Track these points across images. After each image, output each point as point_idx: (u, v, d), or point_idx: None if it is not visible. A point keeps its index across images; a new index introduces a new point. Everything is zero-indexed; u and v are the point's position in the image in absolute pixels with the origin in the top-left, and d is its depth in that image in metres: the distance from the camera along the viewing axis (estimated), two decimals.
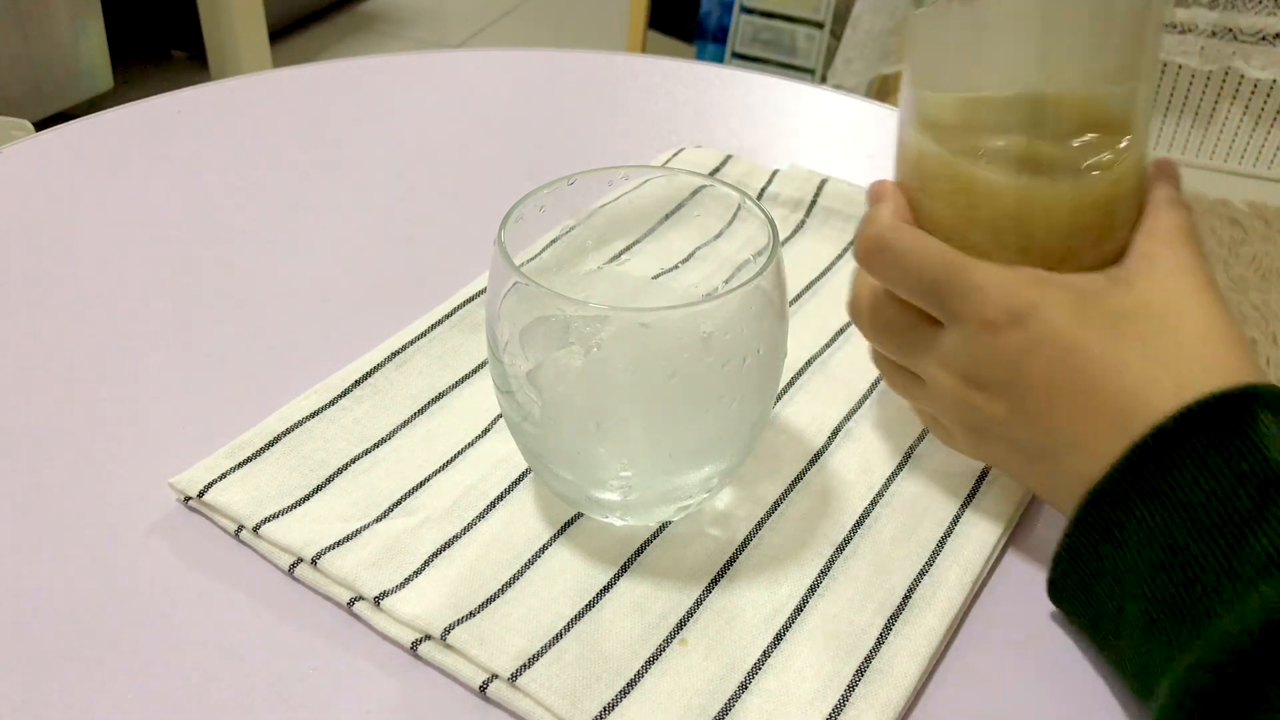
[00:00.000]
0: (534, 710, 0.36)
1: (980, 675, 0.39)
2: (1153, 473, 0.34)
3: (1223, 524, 0.33)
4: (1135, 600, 0.35)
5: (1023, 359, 0.38)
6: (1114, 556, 0.36)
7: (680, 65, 0.79)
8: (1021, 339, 0.38)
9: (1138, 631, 0.35)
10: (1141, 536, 0.34)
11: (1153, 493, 0.34)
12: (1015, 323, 0.38)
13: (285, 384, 0.49)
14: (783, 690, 0.37)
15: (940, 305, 0.40)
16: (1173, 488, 0.34)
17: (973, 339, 0.39)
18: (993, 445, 0.41)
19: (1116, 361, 0.37)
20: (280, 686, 0.37)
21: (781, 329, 0.40)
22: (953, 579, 0.41)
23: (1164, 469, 0.34)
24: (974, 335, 0.39)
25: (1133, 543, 0.35)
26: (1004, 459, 0.42)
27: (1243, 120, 1.97)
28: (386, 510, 0.43)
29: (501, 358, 0.39)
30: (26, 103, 1.81)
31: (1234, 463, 0.33)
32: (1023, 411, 0.39)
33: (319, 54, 2.39)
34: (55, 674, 0.37)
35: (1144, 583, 0.34)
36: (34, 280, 0.56)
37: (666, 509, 0.42)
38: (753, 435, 0.41)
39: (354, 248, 0.59)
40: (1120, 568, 0.35)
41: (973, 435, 0.42)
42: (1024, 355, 0.38)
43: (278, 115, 0.72)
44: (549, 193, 0.41)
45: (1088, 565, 0.37)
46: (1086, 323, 0.38)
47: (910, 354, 0.42)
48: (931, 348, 0.41)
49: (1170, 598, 0.33)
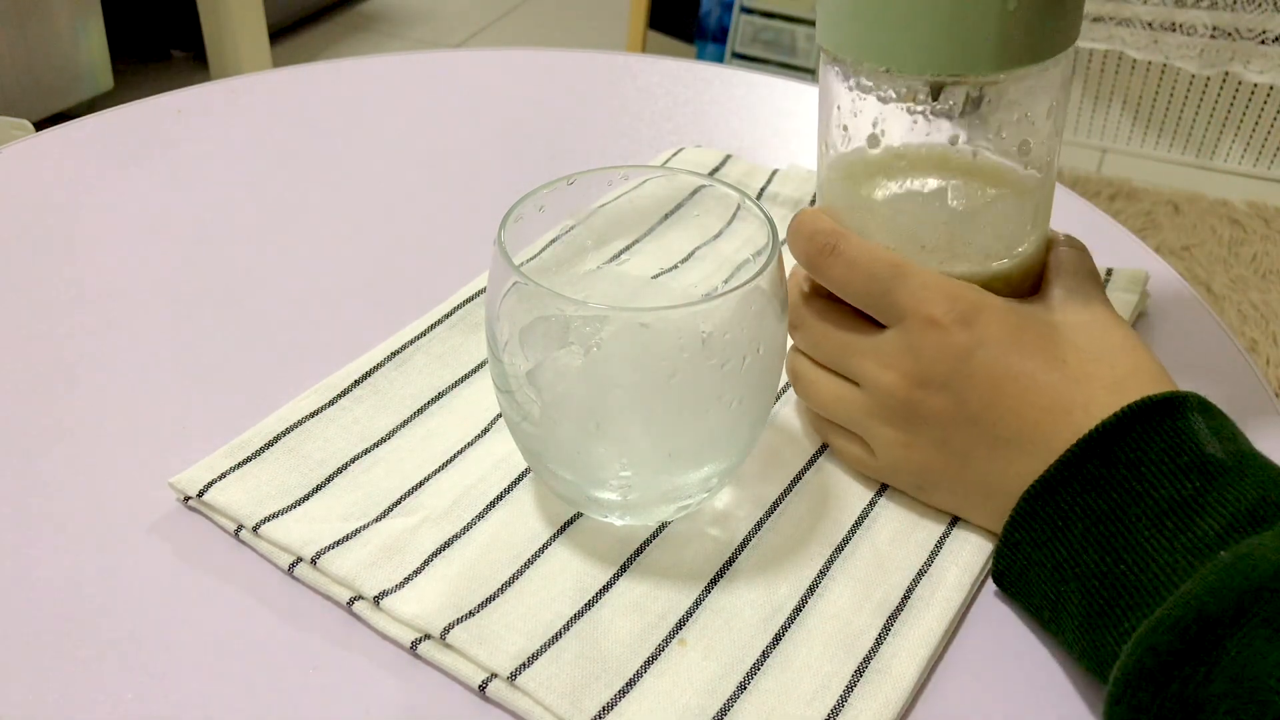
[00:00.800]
0: (533, 709, 0.36)
1: (980, 675, 0.39)
2: (1097, 465, 0.37)
3: (1169, 509, 0.35)
4: (1075, 588, 0.37)
5: (968, 356, 0.40)
6: (1054, 546, 0.38)
7: (680, 65, 0.79)
8: (967, 338, 0.40)
9: (1078, 619, 0.37)
10: (1086, 525, 0.37)
11: (1097, 483, 0.37)
12: (961, 322, 0.40)
13: (285, 384, 0.49)
14: (781, 690, 0.37)
15: (888, 306, 0.42)
16: (1118, 478, 0.36)
17: (918, 336, 0.41)
18: (922, 451, 0.42)
19: (1056, 363, 0.40)
20: (280, 686, 0.37)
21: (781, 329, 0.40)
22: (951, 579, 0.41)
23: (1109, 462, 0.37)
24: (920, 332, 0.41)
25: (1076, 532, 0.37)
26: (929, 464, 0.42)
27: (1243, 121, 1.97)
28: (386, 510, 0.43)
29: (501, 357, 0.39)
30: (26, 103, 1.81)
31: (1174, 455, 0.36)
32: (964, 407, 0.40)
33: (319, 54, 2.39)
34: (55, 674, 0.37)
35: (1087, 569, 0.36)
36: (34, 280, 0.56)
37: (666, 509, 0.42)
38: (753, 435, 0.41)
39: (354, 248, 0.59)
40: (1058, 558, 0.37)
41: (903, 437, 0.42)
42: (969, 353, 0.40)
43: (278, 115, 0.72)
44: (549, 193, 0.41)
45: (1028, 555, 0.39)
46: (1025, 328, 0.41)
47: (849, 355, 0.43)
48: (871, 348, 0.42)
49: (1118, 581, 0.35)
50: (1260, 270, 1.75)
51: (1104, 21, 1.93)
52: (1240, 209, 1.88)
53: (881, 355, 0.42)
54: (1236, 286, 1.71)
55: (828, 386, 0.44)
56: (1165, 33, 1.89)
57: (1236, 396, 0.42)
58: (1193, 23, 1.88)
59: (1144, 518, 0.36)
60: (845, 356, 0.43)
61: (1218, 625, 0.31)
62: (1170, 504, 0.35)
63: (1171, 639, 0.32)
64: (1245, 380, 0.51)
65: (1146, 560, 0.35)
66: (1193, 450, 0.36)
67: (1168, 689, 0.32)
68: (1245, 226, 1.84)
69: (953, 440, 0.41)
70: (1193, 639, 0.32)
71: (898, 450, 0.43)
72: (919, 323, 0.41)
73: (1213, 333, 0.55)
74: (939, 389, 0.41)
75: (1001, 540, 0.40)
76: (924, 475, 0.43)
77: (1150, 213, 1.87)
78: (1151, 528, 0.35)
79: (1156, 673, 0.32)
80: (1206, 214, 1.87)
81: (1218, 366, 0.53)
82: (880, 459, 0.43)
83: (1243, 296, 1.69)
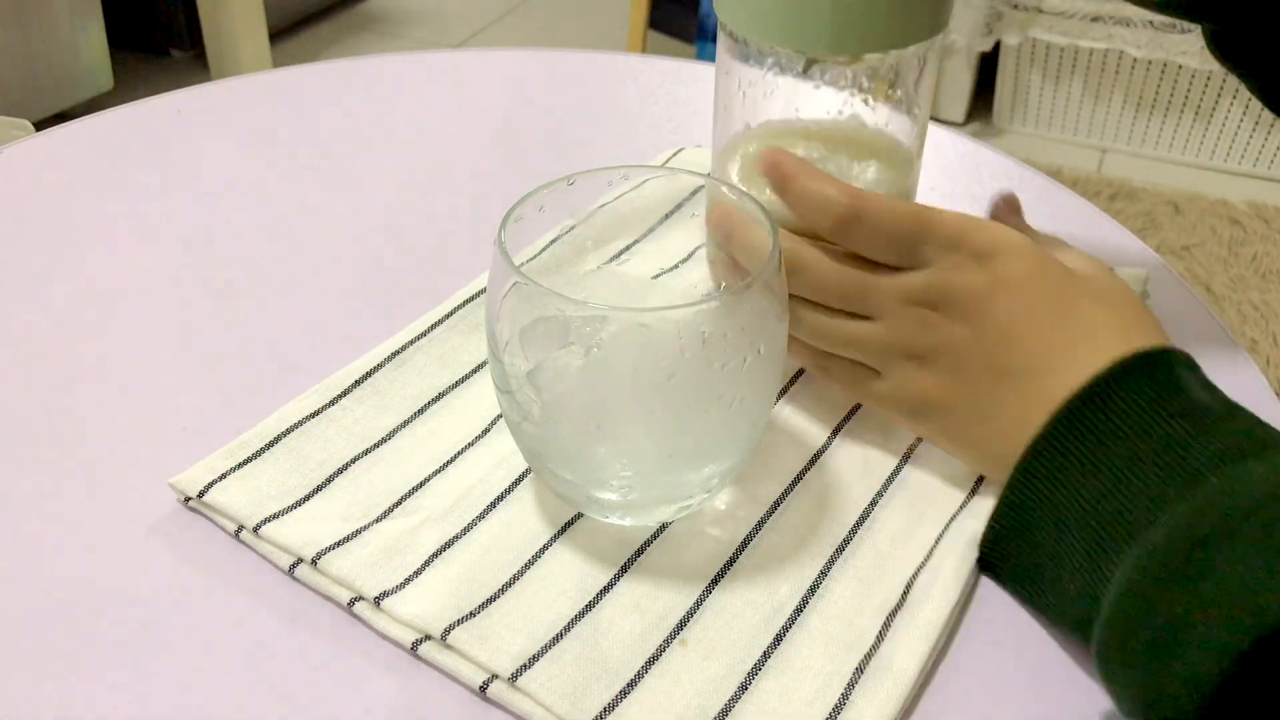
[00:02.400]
0: (534, 710, 0.36)
1: (981, 672, 0.39)
2: (1092, 413, 0.39)
3: (1163, 449, 0.37)
4: (1077, 533, 0.38)
5: (990, 294, 0.42)
6: (1055, 498, 0.39)
7: (680, 65, 0.79)
8: (990, 277, 0.43)
9: (1079, 557, 0.38)
10: (1085, 472, 0.38)
11: (1095, 432, 0.39)
12: (986, 262, 0.43)
13: (285, 384, 0.49)
14: (782, 690, 0.37)
15: (917, 256, 0.43)
16: (1113, 426, 0.38)
17: (944, 275, 0.43)
18: (933, 378, 0.44)
19: (1070, 308, 0.42)
20: (280, 686, 0.37)
21: (781, 329, 0.40)
22: (949, 570, 0.41)
23: (1105, 409, 0.39)
24: (947, 273, 0.43)
25: (1074, 481, 0.39)
26: (935, 391, 0.44)
27: (1243, 120, 1.97)
28: (386, 510, 0.43)
29: (501, 358, 0.39)
30: (26, 103, 1.80)
31: (1165, 403, 0.38)
32: (980, 339, 0.43)
33: (319, 54, 2.39)
34: (55, 674, 0.37)
35: (1086, 514, 0.38)
36: (34, 280, 0.56)
37: (667, 509, 0.42)
38: (752, 436, 0.41)
39: (354, 248, 0.59)
40: (1062, 508, 0.39)
41: (918, 368, 0.44)
42: (991, 291, 0.42)
43: (278, 115, 0.72)
44: (549, 193, 0.41)
45: (1032, 511, 0.40)
46: (1045, 273, 0.43)
47: (869, 294, 0.44)
48: (894, 287, 0.44)
49: (1116, 517, 0.37)
50: (1260, 270, 1.75)
51: (1104, 21, 1.93)
52: (1240, 209, 1.88)
53: (906, 292, 0.44)
54: (1236, 286, 1.71)
55: (840, 325, 0.45)
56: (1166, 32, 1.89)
57: (1236, 396, 0.42)
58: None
59: (1139, 459, 0.37)
60: (865, 295, 0.44)
61: (1207, 543, 0.33)
62: (1164, 444, 0.37)
63: (1165, 557, 0.34)
64: (1245, 380, 0.51)
65: (1139, 495, 0.37)
66: (1182, 398, 0.38)
67: (1159, 605, 0.33)
68: (1245, 226, 1.84)
69: (965, 368, 0.43)
70: (1184, 555, 0.33)
71: (909, 378, 0.44)
72: (946, 266, 0.43)
73: (1213, 333, 0.55)
74: (960, 319, 0.43)
75: (1006, 497, 0.40)
76: (926, 401, 0.44)
77: (1150, 213, 1.87)
78: (1145, 468, 0.37)
79: (1149, 589, 0.33)
80: (1206, 214, 1.87)
81: (1218, 366, 0.52)
82: (891, 386, 0.45)
83: (1243, 296, 1.69)
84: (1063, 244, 0.48)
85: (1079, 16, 1.94)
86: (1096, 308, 0.42)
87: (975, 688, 0.38)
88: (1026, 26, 1.99)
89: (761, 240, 0.40)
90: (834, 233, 0.44)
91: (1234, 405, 0.39)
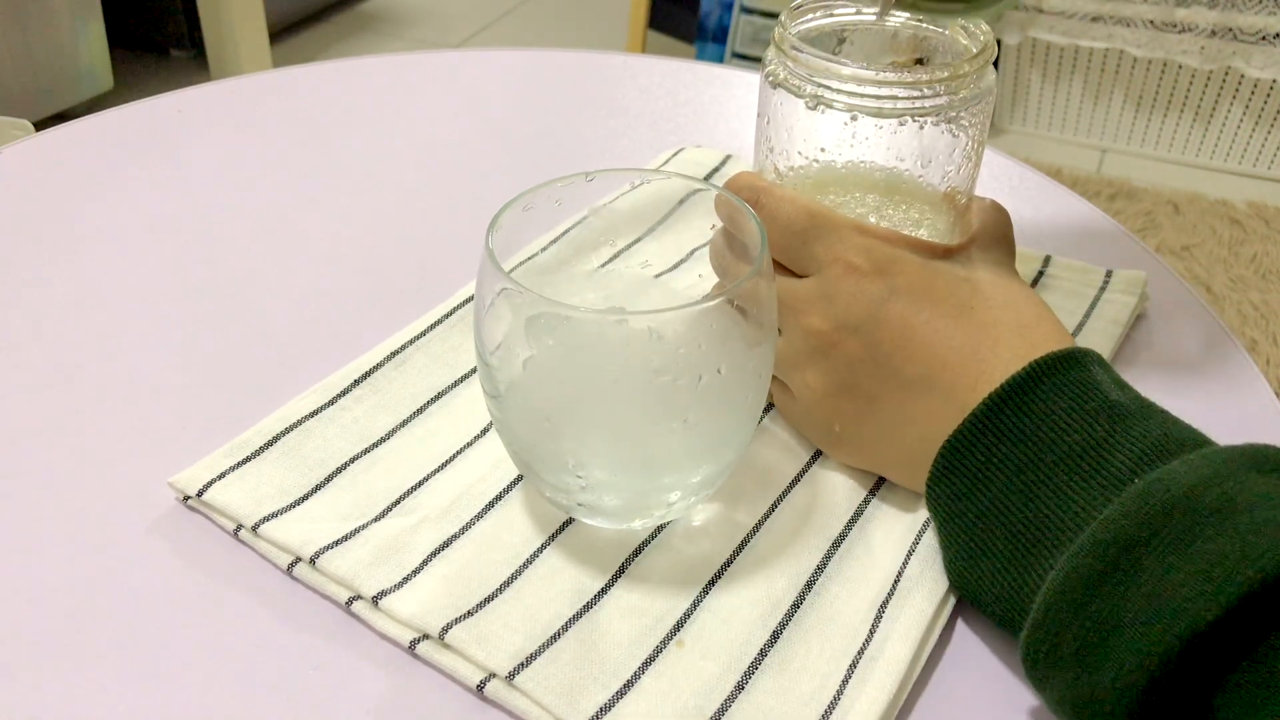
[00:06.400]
0: (531, 709, 0.36)
1: (979, 668, 0.39)
2: (1010, 417, 0.39)
3: (1083, 451, 0.37)
4: (999, 534, 0.38)
5: (882, 303, 0.42)
6: (974, 498, 0.39)
7: (680, 65, 0.79)
8: (882, 285, 0.42)
9: (1001, 561, 0.38)
10: (1006, 475, 0.38)
11: (1012, 434, 0.38)
12: (877, 270, 0.42)
13: (285, 384, 0.49)
14: (779, 690, 0.37)
15: (807, 256, 0.44)
16: (1031, 428, 0.38)
17: (835, 282, 0.43)
18: (835, 396, 0.43)
19: (965, 310, 0.42)
20: (279, 685, 0.37)
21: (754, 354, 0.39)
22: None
23: (1022, 413, 0.38)
24: (837, 279, 0.43)
25: (997, 482, 0.38)
26: (840, 408, 0.44)
27: (1243, 120, 1.97)
28: (385, 510, 0.43)
29: (489, 361, 0.39)
30: (26, 103, 1.81)
31: (1082, 402, 0.38)
32: (875, 350, 0.42)
33: (319, 54, 2.39)
34: (55, 674, 0.37)
35: (1009, 513, 0.38)
36: (34, 280, 0.56)
37: (650, 516, 0.42)
38: (716, 458, 0.41)
39: (354, 247, 0.59)
40: (980, 507, 0.39)
41: (819, 381, 0.44)
42: (883, 300, 0.42)
43: (278, 115, 0.72)
44: (545, 193, 0.41)
45: (949, 508, 0.40)
46: (936, 279, 0.43)
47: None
48: (790, 295, 0.44)
49: (1040, 522, 0.37)
50: (1260, 270, 1.75)
51: (1104, 21, 1.93)
52: (1240, 209, 1.88)
53: (800, 300, 0.44)
54: (1236, 286, 1.71)
55: None
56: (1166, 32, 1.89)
57: (1236, 396, 0.42)
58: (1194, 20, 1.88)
59: (1060, 461, 0.37)
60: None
61: (1135, 544, 0.33)
62: (1084, 446, 0.37)
63: (1093, 560, 0.34)
64: (1245, 380, 0.52)
65: (1065, 499, 0.37)
66: (1099, 397, 0.38)
67: (1088, 608, 0.33)
68: (1245, 226, 1.84)
69: (862, 383, 0.43)
70: (1112, 559, 0.33)
71: (813, 394, 0.44)
72: (837, 270, 0.43)
73: (1213, 333, 0.55)
74: (852, 332, 0.42)
75: (927, 492, 0.41)
76: (835, 421, 0.44)
77: (1150, 213, 1.87)
78: (1068, 469, 0.37)
79: (1080, 592, 0.34)
80: (1206, 214, 1.87)
81: (1218, 366, 0.53)
82: (799, 403, 0.45)
83: (1243, 296, 1.69)
84: (981, 201, 0.47)
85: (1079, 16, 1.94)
86: (993, 309, 0.42)
87: (974, 685, 0.38)
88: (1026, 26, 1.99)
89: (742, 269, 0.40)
90: (731, 221, 0.45)
91: (1148, 403, 0.39)
